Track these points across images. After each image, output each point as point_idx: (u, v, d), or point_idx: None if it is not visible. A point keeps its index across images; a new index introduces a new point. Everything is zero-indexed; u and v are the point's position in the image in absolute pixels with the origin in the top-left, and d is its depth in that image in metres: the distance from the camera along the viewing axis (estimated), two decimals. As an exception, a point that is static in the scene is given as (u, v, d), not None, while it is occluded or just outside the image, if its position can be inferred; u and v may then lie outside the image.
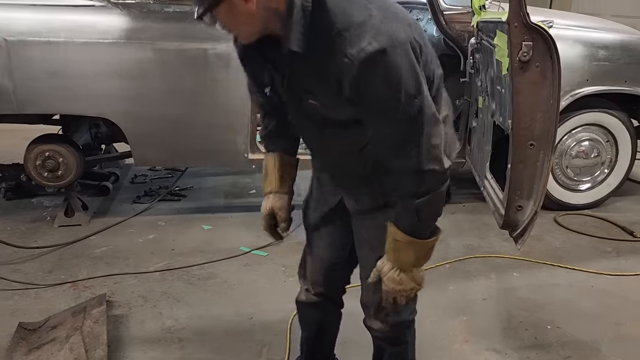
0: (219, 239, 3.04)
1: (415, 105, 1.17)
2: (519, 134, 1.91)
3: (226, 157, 3.01)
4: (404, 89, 1.14)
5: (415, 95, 1.16)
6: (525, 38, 1.84)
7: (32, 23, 2.61)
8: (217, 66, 2.76)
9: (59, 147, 2.93)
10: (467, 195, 3.70)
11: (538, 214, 1.95)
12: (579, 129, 3.28)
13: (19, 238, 2.96)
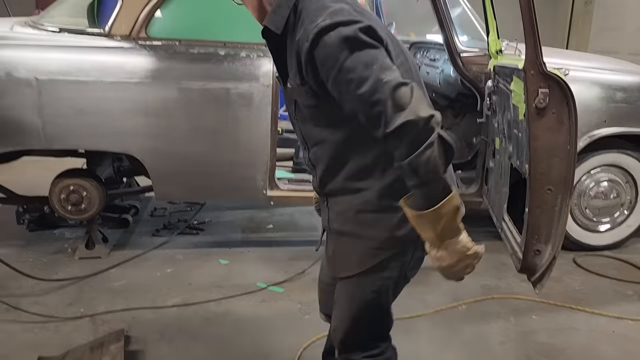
0: (235, 274, 3.06)
1: (370, 72, 1.15)
2: (536, 179, 1.92)
3: (246, 193, 3.06)
4: (343, 61, 1.16)
5: (370, 63, 1.16)
6: (541, 85, 1.88)
7: (63, 63, 2.72)
8: (239, 105, 2.83)
9: (83, 182, 3.00)
10: (484, 233, 3.68)
11: (556, 258, 1.95)
12: (597, 169, 3.27)
13: (41, 269, 3.01)
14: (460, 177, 3.38)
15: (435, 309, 2.72)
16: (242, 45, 2.84)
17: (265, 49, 2.84)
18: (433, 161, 1.12)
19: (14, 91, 2.69)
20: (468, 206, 3.22)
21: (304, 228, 3.78)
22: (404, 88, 1.14)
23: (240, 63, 2.82)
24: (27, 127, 2.74)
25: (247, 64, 2.83)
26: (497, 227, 2.74)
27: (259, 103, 2.84)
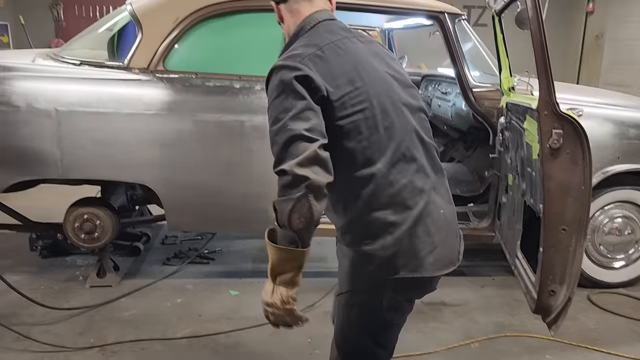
0: (245, 305, 3.05)
1: (283, 116, 1.31)
2: (550, 219, 1.92)
3: (257, 224, 3.05)
4: (272, 100, 1.36)
5: (288, 109, 1.31)
6: (555, 126, 1.89)
7: (82, 95, 2.78)
8: (253, 137, 2.86)
9: (97, 210, 3.04)
10: (497, 267, 3.65)
11: (572, 300, 1.92)
12: (611, 205, 3.25)
13: (52, 297, 3.02)
14: (472, 210, 3.37)
15: (448, 347, 2.68)
16: (256, 79, 2.88)
17: (279, 83, 2.88)
18: (287, 213, 1.26)
19: (34, 122, 2.75)
20: (480, 240, 3.23)
21: (314, 259, 3.77)
22: (303, 142, 1.28)
23: (255, 96, 2.86)
24: (45, 157, 2.79)
25: (261, 97, 2.86)
26: (511, 264, 2.72)
27: (272, 136, 2.87)
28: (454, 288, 3.34)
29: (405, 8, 3.15)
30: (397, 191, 1.40)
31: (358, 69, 1.43)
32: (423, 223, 1.42)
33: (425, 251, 1.42)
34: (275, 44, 2.94)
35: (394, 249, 1.40)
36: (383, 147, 1.40)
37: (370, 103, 1.40)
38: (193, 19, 2.86)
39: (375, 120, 1.39)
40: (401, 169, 1.41)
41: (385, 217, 1.40)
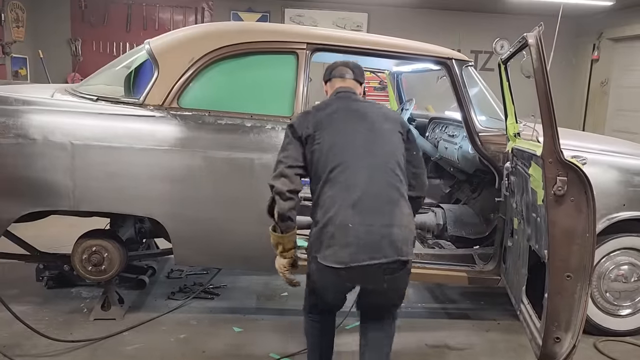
0: (249, 343, 3.03)
1: (280, 149, 2.30)
2: (555, 265, 1.93)
3: (264, 262, 3.06)
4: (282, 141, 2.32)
5: (282, 145, 2.30)
6: (559, 173, 1.92)
7: (97, 129, 2.85)
8: (262, 175, 2.90)
9: (105, 243, 3.07)
10: (502, 311, 3.62)
11: (577, 347, 1.91)
12: (617, 252, 3.24)
13: (56, 329, 3.02)
14: (478, 253, 3.37)
15: (452, 391, 2.65)
16: (267, 118, 2.96)
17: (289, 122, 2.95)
18: (266, 209, 2.23)
19: (49, 154, 2.81)
20: (485, 283, 3.22)
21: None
22: (278, 165, 2.22)
23: (266, 135, 2.93)
24: (58, 188, 2.84)
25: (272, 135, 2.93)
26: (516, 309, 2.70)
27: (281, 174, 2.91)
28: (459, 331, 3.31)
29: (414, 53, 3.25)
30: (323, 199, 2.12)
31: (327, 120, 2.24)
32: (331, 225, 2.07)
33: (324, 245, 2.07)
34: (284, 85, 3.04)
35: (312, 237, 2.17)
36: (323, 170, 2.15)
37: (323, 142, 2.18)
38: (208, 59, 2.95)
39: (322, 153, 2.17)
40: (331, 186, 2.12)
41: (315, 214, 2.17)
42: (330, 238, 2.05)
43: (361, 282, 2.17)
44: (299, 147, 2.21)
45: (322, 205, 2.11)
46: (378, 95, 7.44)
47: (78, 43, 7.56)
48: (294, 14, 7.89)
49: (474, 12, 8.02)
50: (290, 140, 2.24)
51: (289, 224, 2.16)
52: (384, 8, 7.91)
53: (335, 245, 2.04)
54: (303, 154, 2.21)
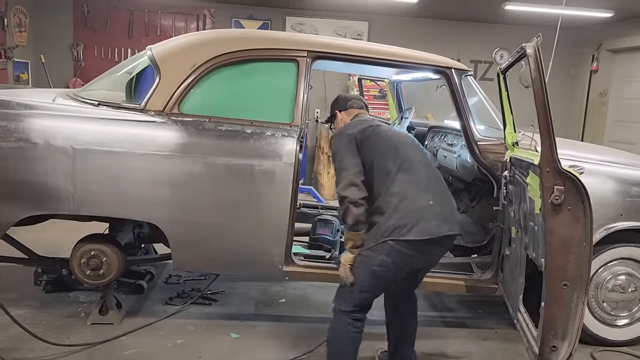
0: (245, 349, 3.03)
1: (335, 159, 2.55)
2: (552, 274, 1.94)
3: (262, 267, 3.09)
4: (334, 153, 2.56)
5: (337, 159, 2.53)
6: (557, 182, 1.94)
7: (98, 134, 2.86)
8: (261, 181, 2.93)
9: (104, 247, 3.07)
10: (500, 320, 3.63)
11: (573, 356, 1.92)
12: (614, 262, 3.25)
13: (53, 333, 3.03)
14: (476, 261, 3.37)
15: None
16: (267, 125, 2.97)
17: (289, 129, 2.98)
18: (342, 217, 2.50)
19: (50, 158, 2.82)
20: (483, 292, 3.23)
21: (316, 304, 3.76)
22: (343, 174, 2.50)
23: (266, 141, 2.95)
24: (58, 192, 2.85)
25: (271, 142, 2.95)
26: (513, 317, 2.71)
27: (281, 180, 2.94)
28: (456, 340, 3.32)
29: (414, 62, 3.27)
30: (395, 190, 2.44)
31: (369, 130, 2.59)
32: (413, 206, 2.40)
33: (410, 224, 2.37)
34: (284, 92, 3.07)
35: (385, 226, 2.41)
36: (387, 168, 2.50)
37: (377, 146, 2.52)
38: (209, 66, 2.97)
39: (381, 154, 2.52)
40: (401, 178, 2.46)
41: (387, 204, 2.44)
42: (415, 216, 2.35)
43: (431, 255, 2.49)
44: (357, 154, 2.50)
45: (396, 194, 2.40)
46: (378, 103, 7.46)
47: (80, 48, 7.59)
48: (295, 22, 7.93)
49: (474, 22, 8.07)
50: (347, 150, 2.50)
51: (361, 226, 2.45)
52: (385, 17, 7.96)
53: (421, 220, 2.34)
54: (361, 161, 2.50)
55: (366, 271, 2.42)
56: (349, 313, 2.44)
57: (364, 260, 2.44)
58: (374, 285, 2.46)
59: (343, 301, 2.48)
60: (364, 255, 2.44)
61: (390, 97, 5.31)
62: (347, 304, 2.46)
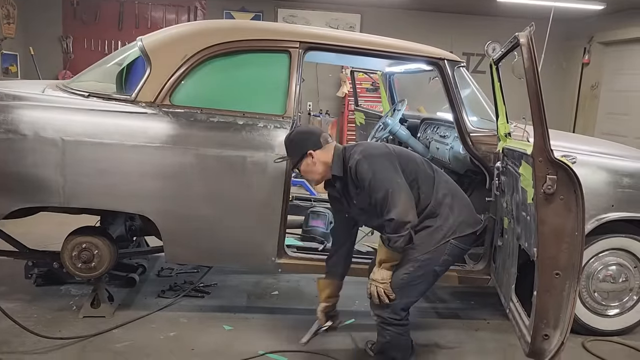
0: (238, 340, 3.03)
1: (378, 184, 2.40)
2: (544, 263, 1.95)
3: (254, 260, 3.08)
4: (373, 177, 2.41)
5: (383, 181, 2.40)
6: (549, 172, 1.94)
7: (88, 125, 2.84)
8: (253, 173, 2.91)
9: (95, 240, 3.05)
10: (492, 311, 3.65)
11: (565, 344, 1.93)
12: (605, 252, 3.27)
13: (44, 327, 3.00)
14: (469, 253, 3.38)
15: (441, 389, 2.66)
16: (260, 116, 2.96)
17: (282, 120, 2.96)
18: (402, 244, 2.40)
19: (40, 150, 2.79)
20: (475, 283, 3.24)
21: (309, 296, 3.76)
22: (399, 196, 2.41)
23: (258, 133, 2.93)
24: (48, 184, 2.82)
25: (264, 134, 2.93)
26: (505, 307, 2.72)
27: (273, 172, 2.93)
28: (449, 330, 3.33)
29: (407, 54, 3.26)
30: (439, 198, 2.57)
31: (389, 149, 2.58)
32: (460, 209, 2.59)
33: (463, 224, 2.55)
34: (276, 84, 3.05)
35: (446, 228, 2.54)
36: (428, 180, 2.58)
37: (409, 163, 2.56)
38: (200, 56, 2.95)
39: (420, 168, 2.58)
40: (439, 188, 2.58)
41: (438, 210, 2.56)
42: (467, 210, 2.58)
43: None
44: (400, 172, 2.44)
45: (446, 195, 2.55)
46: (370, 96, 7.45)
47: (69, 40, 7.52)
48: (287, 14, 7.90)
49: (467, 15, 8.08)
50: (391, 170, 2.42)
51: (411, 246, 2.45)
52: (377, 9, 7.94)
53: (472, 213, 2.60)
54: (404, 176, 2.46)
55: (426, 274, 2.47)
56: (403, 318, 2.49)
57: (422, 264, 2.45)
58: (428, 286, 2.56)
59: (395, 311, 2.47)
60: (422, 260, 2.45)
61: (382, 90, 5.30)
62: (400, 311, 2.47)
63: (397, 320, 2.47)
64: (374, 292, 2.43)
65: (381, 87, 5.35)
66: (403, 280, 2.44)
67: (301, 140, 2.54)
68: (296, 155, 2.54)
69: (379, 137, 4.41)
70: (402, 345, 2.53)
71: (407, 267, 2.44)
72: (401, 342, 2.52)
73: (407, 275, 2.44)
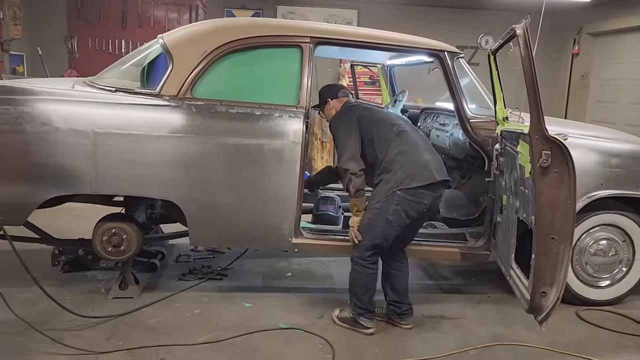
0: (259, 315, 3.26)
1: (336, 139, 3.12)
2: (541, 229, 2.18)
3: (273, 241, 3.31)
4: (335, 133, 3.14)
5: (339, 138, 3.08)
6: (544, 148, 2.18)
7: (117, 118, 3.05)
8: (271, 160, 3.14)
9: (124, 225, 3.27)
10: (492, 286, 3.90)
11: (560, 299, 2.18)
12: (596, 228, 3.52)
13: (78, 307, 3.21)
14: (469, 232, 3.62)
15: (447, 353, 2.90)
16: (275, 107, 3.18)
17: (295, 110, 3.19)
18: (345, 186, 3.02)
19: (73, 142, 3.01)
20: (476, 259, 3.48)
21: (321, 277, 4.00)
22: (346, 150, 3.04)
23: (274, 122, 3.16)
24: (81, 173, 3.04)
25: (279, 123, 3.16)
26: (506, 275, 2.97)
27: (289, 158, 3.16)
28: (452, 304, 3.58)
29: (410, 46, 3.49)
30: (396, 153, 3.02)
31: (362, 110, 3.17)
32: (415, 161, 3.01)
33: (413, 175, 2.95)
34: (290, 76, 3.27)
35: (393, 181, 2.97)
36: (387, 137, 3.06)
37: (374, 122, 3.10)
38: (219, 52, 3.17)
39: (379, 127, 3.10)
40: (399, 144, 3.03)
41: (392, 165, 3.01)
42: (418, 168, 2.92)
43: (431, 199, 2.96)
44: (356, 132, 3.02)
45: (399, 153, 2.97)
46: (368, 89, 7.68)
47: (74, 40, 7.68)
48: (286, 11, 8.09)
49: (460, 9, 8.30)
50: (347, 129, 3.02)
51: (361, 193, 2.98)
52: (373, 5, 8.15)
53: (423, 171, 2.93)
54: (361, 136, 3.02)
55: (380, 220, 2.94)
56: (366, 259, 2.99)
57: (377, 212, 2.95)
58: (387, 231, 2.96)
59: (360, 251, 3.00)
60: (376, 208, 2.95)
61: (382, 82, 5.53)
62: (364, 251, 2.99)
63: (360, 260, 2.99)
64: (350, 233, 3.02)
65: (381, 80, 5.59)
66: (365, 224, 2.98)
67: (326, 89, 3.33)
68: (320, 101, 3.32)
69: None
70: (362, 283, 3.03)
71: (367, 214, 2.99)
72: (361, 280, 3.03)
73: (368, 220, 2.97)
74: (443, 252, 3.46)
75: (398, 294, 3.19)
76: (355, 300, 3.08)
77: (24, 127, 2.97)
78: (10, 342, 2.81)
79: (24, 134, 2.97)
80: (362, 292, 3.05)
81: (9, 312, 2.93)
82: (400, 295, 3.19)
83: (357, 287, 3.06)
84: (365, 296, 3.05)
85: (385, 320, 3.23)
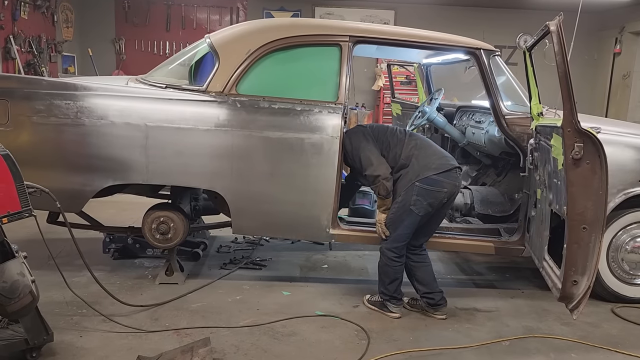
0: (297, 303, 3.41)
1: (355, 152, 3.28)
2: (573, 219, 2.25)
3: (311, 231, 3.45)
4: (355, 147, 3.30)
5: (360, 149, 3.25)
6: (577, 140, 2.24)
7: (167, 113, 3.25)
8: (311, 153, 3.29)
9: (171, 214, 3.47)
10: (526, 282, 3.93)
11: (591, 288, 2.23)
12: (633, 225, 3.52)
13: (127, 291, 3.44)
14: (504, 227, 3.68)
15: (481, 343, 2.98)
16: (315, 103, 3.32)
17: (334, 106, 3.32)
18: (378, 190, 3.22)
19: (127, 134, 3.23)
20: (511, 254, 3.54)
21: (356, 269, 4.12)
22: (371, 159, 3.28)
23: (314, 117, 3.30)
24: (134, 164, 3.26)
25: (319, 118, 3.30)
26: (539, 266, 3.03)
27: (327, 151, 3.30)
28: (486, 297, 3.64)
29: (447, 44, 3.58)
30: (407, 156, 3.25)
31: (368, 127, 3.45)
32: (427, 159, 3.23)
33: (428, 167, 3.17)
34: (329, 74, 3.41)
35: (411, 173, 3.22)
36: (400, 144, 3.30)
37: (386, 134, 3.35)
38: (262, 51, 3.33)
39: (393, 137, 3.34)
40: (408, 149, 3.27)
41: (406, 165, 3.25)
42: (431, 159, 3.17)
43: (449, 186, 3.14)
44: (373, 142, 3.28)
45: (413, 148, 3.22)
46: (405, 89, 7.76)
47: (121, 42, 8.04)
48: (324, 12, 8.26)
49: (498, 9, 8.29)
50: (365, 139, 3.29)
51: (391, 194, 3.20)
52: (410, 5, 8.23)
53: (437, 160, 3.17)
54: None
55: (404, 212, 3.14)
56: (393, 250, 3.20)
57: (400, 205, 3.15)
58: (411, 222, 3.15)
59: (389, 243, 3.22)
60: (399, 202, 3.16)
61: (419, 81, 5.61)
62: (392, 243, 3.20)
63: (388, 252, 3.21)
64: (377, 229, 3.24)
65: (417, 79, 5.66)
66: (391, 219, 3.19)
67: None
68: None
69: (417, 124, 4.72)
70: (389, 273, 3.24)
71: (392, 209, 3.19)
72: (388, 271, 3.24)
73: (393, 215, 3.18)
74: (477, 245, 3.53)
75: (425, 284, 3.30)
76: (383, 288, 3.28)
77: (83, 120, 3.20)
78: (68, 320, 3.03)
79: (83, 127, 3.21)
80: (389, 281, 3.24)
81: (63, 294, 3.17)
82: (427, 285, 3.30)
83: (385, 276, 3.25)
84: (392, 285, 3.25)
85: (420, 312, 3.33)
